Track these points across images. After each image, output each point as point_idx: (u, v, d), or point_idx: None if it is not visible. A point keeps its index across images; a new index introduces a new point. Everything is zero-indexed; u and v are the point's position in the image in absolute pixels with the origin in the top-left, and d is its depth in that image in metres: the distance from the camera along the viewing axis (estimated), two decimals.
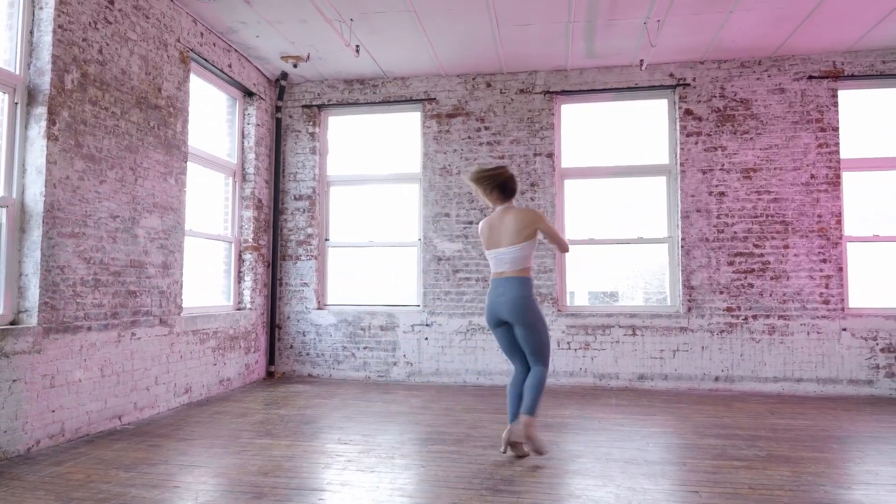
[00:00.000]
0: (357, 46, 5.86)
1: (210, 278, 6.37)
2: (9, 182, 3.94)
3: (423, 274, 6.81)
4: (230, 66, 6.19)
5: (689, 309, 6.30)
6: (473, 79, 6.82)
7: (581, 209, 6.80)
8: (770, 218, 6.21)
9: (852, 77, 6.19)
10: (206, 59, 5.79)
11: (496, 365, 6.57)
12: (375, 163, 7.17)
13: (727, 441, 4.28)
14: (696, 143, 6.37)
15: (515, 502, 3.07)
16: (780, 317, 6.14)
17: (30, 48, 4.05)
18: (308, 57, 6.27)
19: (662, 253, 6.59)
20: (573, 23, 5.53)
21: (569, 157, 6.80)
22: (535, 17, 5.44)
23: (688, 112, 6.41)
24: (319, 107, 7.10)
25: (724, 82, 6.37)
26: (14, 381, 3.75)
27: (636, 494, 3.20)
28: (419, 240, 6.88)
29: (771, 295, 6.17)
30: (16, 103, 3.96)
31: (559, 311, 6.56)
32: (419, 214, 6.90)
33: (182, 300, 5.41)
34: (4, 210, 3.90)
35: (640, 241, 6.59)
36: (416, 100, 6.89)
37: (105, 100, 4.52)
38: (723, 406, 5.48)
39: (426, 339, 6.72)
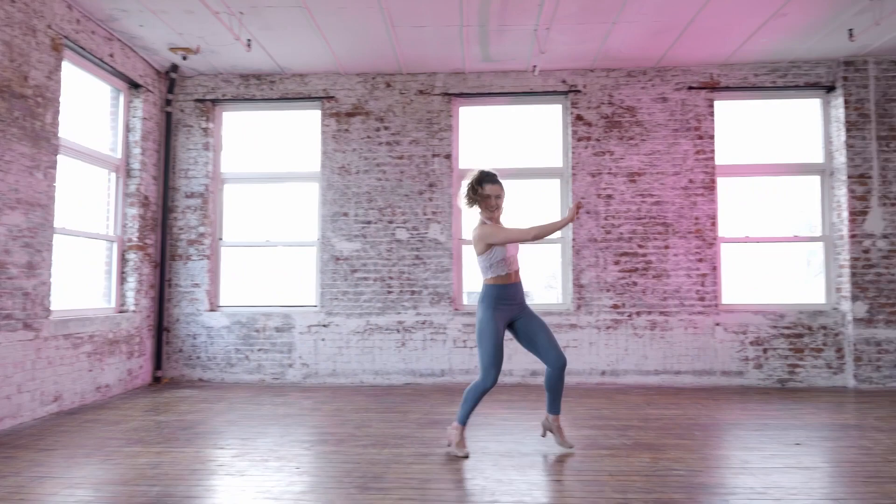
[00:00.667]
0: (249, 41, 5.72)
1: (88, 279, 6.02)
2: None
3: (321, 274, 6.72)
4: (112, 55, 5.88)
5: (579, 306, 6.54)
6: (373, 78, 6.80)
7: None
8: (652, 220, 6.55)
9: (727, 88, 6.63)
10: (83, 48, 5.48)
11: (393, 364, 6.58)
12: (273, 161, 7.02)
13: (600, 431, 4.48)
14: (587, 147, 6.63)
15: (381, 499, 3.08)
16: (661, 313, 6.49)
17: None
18: (198, 49, 6.05)
19: (556, 253, 6.81)
20: (466, 27, 5.63)
21: (467, 158, 6.91)
22: (428, 19, 5.50)
23: (579, 118, 6.67)
24: (213, 101, 6.87)
25: (613, 90, 6.67)
26: None
27: (501, 485, 3.29)
28: (317, 239, 6.79)
29: (653, 292, 6.51)
30: None
31: (456, 310, 6.65)
32: (318, 214, 6.81)
33: (50, 302, 5.09)
34: None
35: (535, 241, 6.77)
36: (315, 97, 6.80)
37: None
38: (605, 398, 5.73)
39: (323, 339, 6.63)
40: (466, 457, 3.80)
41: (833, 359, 6.36)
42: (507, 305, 3.83)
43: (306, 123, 7.00)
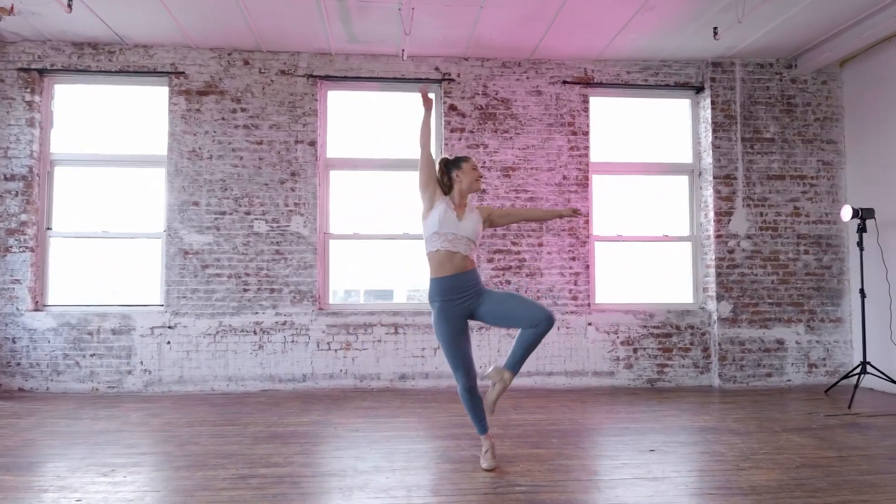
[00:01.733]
0: (69, 0, 4.96)
1: None
2: None
3: (167, 269, 6.02)
4: None
5: None
6: (229, 54, 6.18)
7: (348, 203, 6.46)
8: None
9: (601, 85, 6.54)
10: None
11: (248, 370, 6.00)
12: (114, 142, 6.22)
13: (453, 442, 4.16)
14: (460, 139, 6.34)
15: None
16: None
17: None
18: (12, 9, 5.17)
19: (420, 249, 6.45)
20: (323, 0, 5.15)
21: (336, 146, 6.43)
22: None
23: (452, 107, 6.36)
24: (41, 71, 6.00)
25: (487, 80, 6.41)
26: None
27: None
28: (163, 231, 6.08)
29: (527, 291, 6.31)
30: None
31: (320, 309, 6.17)
32: (164, 202, 6.10)
33: None
34: None
35: (406, 236, 6.42)
36: (162, 72, 6.08)
37: None
38: None
39: (168, 343, 5.95)
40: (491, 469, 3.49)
41: (700, 358, 6.42)
42: (454, 300, 3.43)
43: (152, 101, 6.25)
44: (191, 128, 6.09)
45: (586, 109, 6.50)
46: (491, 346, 6.25)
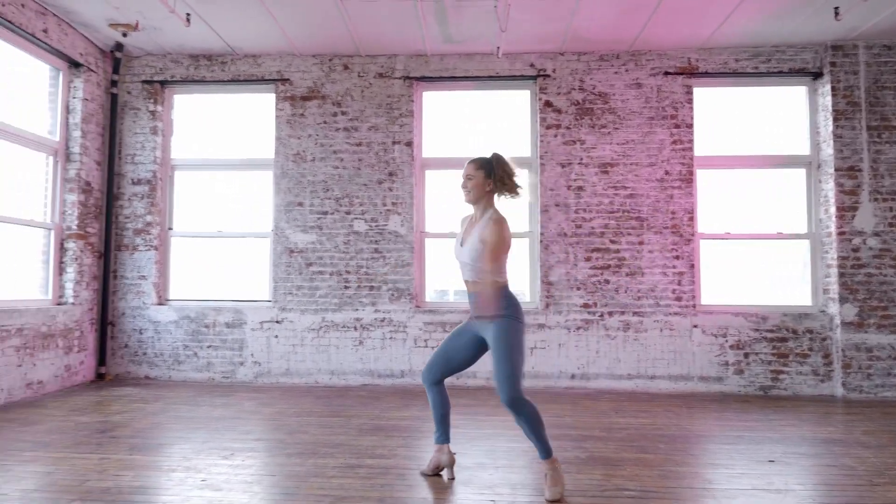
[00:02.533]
0: (188, 15, 5.33)
1: (20, 269, 5.64)
2: None
3: (275, 267, 6.33)
4: (46, 31, 5.49)
5: (547, 305, 6.15)
6: (330, 60, 6.41)
7: (444, 202, 6.53)
8: (626, 213, 6.15)
9: (707, 74, 6.23)
10: (10, 22, 5.08)
11: (350, 364, 6.19)
12: (226, 146, 6.62)
13: (556, 442, 4.04)
14: (556, 135, 6.23)
15: None
16: (635, 313, 6.09)
17: None
18: (137, 25, 5.65)
19: (524, 248, 6.41)
20: (421, 1, 5.23)
21: (431, 146, 6.51)
22: None
23: (548, 104, 6.27)
24: (162, 83, 6.48)
25: (584, 75, 6.27)
26: None
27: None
28: (271, 230, 6.40)
29: (626, 291, 6.11)
30: None
31: (417, 306, 6.26)
32: (271, 203, 6.41)
33: None
34: None
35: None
36: (269, 80, 6.41)
37: None
38: (571, 405, 5.34)
39: (276, 336, 6.25)
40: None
41: (820, 365, 5.96)
42: (471, 313, 3.28)
43: (261, 107, 6.60)
44: (295, 132, 6.37)
45: (690, 101, 6.21)
46: (589, 348, 6.10)
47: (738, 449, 3.99)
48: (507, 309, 3.07)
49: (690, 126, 6.19)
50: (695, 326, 6.06)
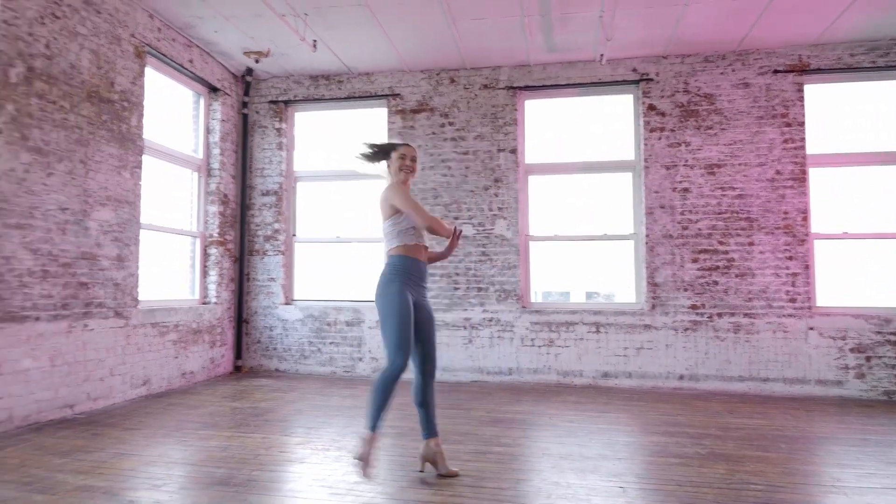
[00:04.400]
0: (315, 41, 5.85)
1: (174, 273, 6.38)
2: None
3: None
4: (192, 61, 6.20)
5: (654, 306, 6.24)
6: (437, 74, 6.80)
7: (546, 206, 6.76)
8: (735, 214, 6.15)
9: (819, 71, 6.12)
10: (164, 55, 5.80)
11: (460, 361, 6.54)
12: (341, 158, 7.15)
13: (672, 439, 4.23)
14: (660, 138, 6.32)
15: (433, 494, 3.04)
16: (746, 315, 6.08)
17: None
18: (268, 52, 6.26)
19: (629, 250, 6.54)
20: (527, 17, 5.50)
21: (533, 152, 6.77)
22: (488, 11, 5.41)
23: (651, 107, 6.36)
24: (286, 102, 7.10)
25: (688, 77, 6.32)
26: None
27: (558, 488, 3.17)
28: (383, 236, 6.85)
29: (736, 292, 6.10)
30: None
31: (523, 307, 6.53)
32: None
33: (138, 293, 5.42)
34: None
35: (606, 237, 6.55)
36: (381, 95, 6.88)
37: (53, 93, 4.53)
38: (682, 404, 5.42)
39: None
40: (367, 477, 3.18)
41: None
42: (415, 282, 3.32)
43: (373, 121, 7.08)
44: (406, 142, 6.79)
45: (801, 98, 6.12)
46: (698, 349, 6.14)
47: (865, 451, 3.98)
48: None
49: (802, 124, 6.10)
50: (811, 329, 5.96)
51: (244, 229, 7.01)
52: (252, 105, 7.14)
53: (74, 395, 4.71)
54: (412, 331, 3.23)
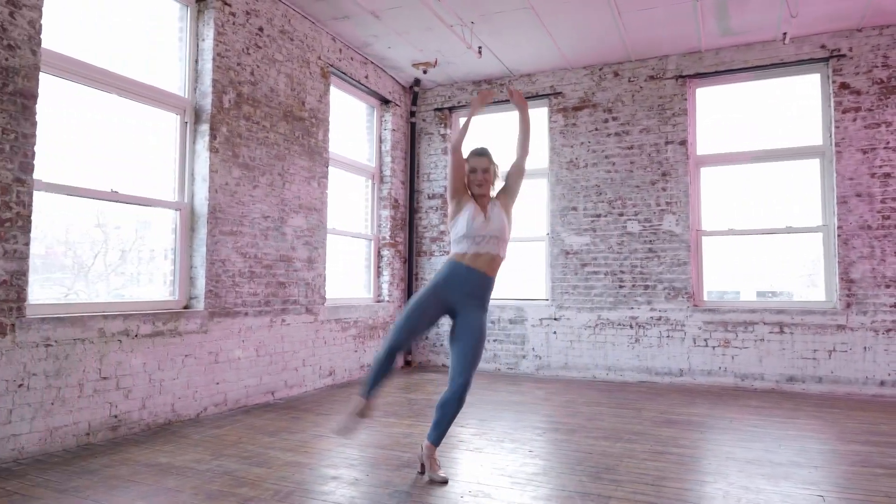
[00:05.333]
0: (480, 48, 6.07)
1: (352, 273, 6.96)
2: (181, 189, 4.71)
3: (551, 268, 6.83)
4: (367, 77, 6.73)
5: (848, 305, 5.65)
6: (600, 69, 6.71)
7: (719, 198, 6.39)
8: None
9: None
10: (344, 73, 6.36)
11: (626, 361, 6.41)
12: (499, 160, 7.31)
13: (876, 448, 3.84)
14: (855, 119, 5.70)
15: (614, 490, 3.06)
16: None
17: (195, 75, 4.80)
18: (436, 62, 6.61)
19: (816, 243, 5.97)
20: (700, 1, 5.25)
21: (705, 143, 6.43)
22: (657, 0, 5.26)
23: (843, 86, 5.76)
24: (450, 109, 7.43)
25: (888, 50, 5.62)
26: (186, 356, 4.47)
27: (748, 493, 3.03)
28: (547, 234, 6.91)
29: None
30: (185, 122, 4.72)
31: (695, 305, 6.23)
32: (546, 209, 6.93)
33: (325, 291, 6.01)
34: (179, 213, 4.66)
35: (790, 230, 6.04)
36: (542, 95, 6.94)
37: (256, 115, 5.19)
38: (884, 413, 4.87)
39: (554, 332, 6.74)
40: (445, 482, 3.16)
41: None
42: (457, 288, 3.20)
43: (536, 121, 7.15)
44: (568, 140, 6.80)
45: None
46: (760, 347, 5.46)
47: None
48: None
49: None
50: None
51: (412, 231, 7.45)
52: (419, 114, 7.57)
53: (275, 382, 5.34)
54: (415, 325, 3.27)
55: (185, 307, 4.66)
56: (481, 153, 3.37)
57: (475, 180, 3.32)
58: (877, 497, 2.96)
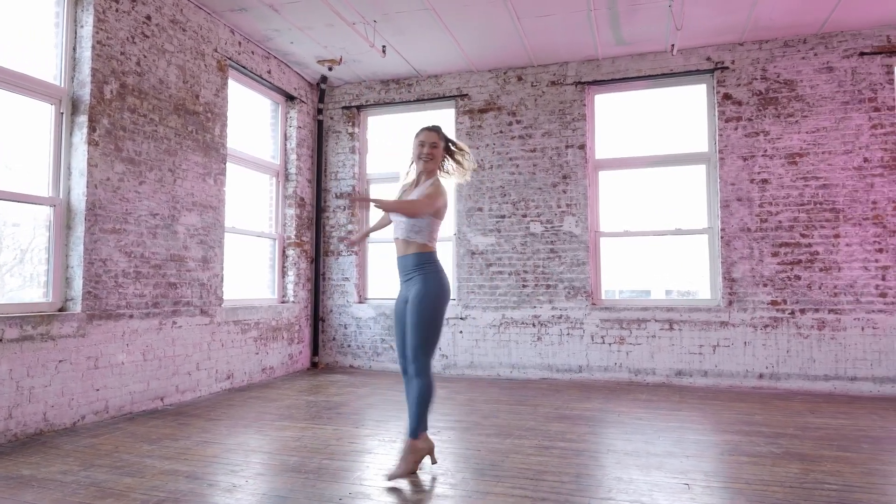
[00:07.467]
0: (384, 47, 6.04)
1: (254, 273, 6.76)
2: (56, 184, 4.41)
3: (458, 268, 6.89)
4: (270, 72, 6.55)
5: (731, 303, 6.02)
6: (504, 73, 6.83)
7: (617, 201, 6.65)
8: (818, 206, 5.82)
9: None
10: (244, 67, 6.16)
11: (529, 359, 6.55)
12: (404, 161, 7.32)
13: (746, 438, 4.09)
14: (736, 128, 6.08)
15: (493, 485, 3.11)
16: (831, 311, 5.75)
17: (72, 63, 4.50)
18: (341, 60, 6.52)
19: (701, 244, 6.33)
20: (594, 10, 5.45)
21: (603, 148, 6.67)
22: (554, 7, 5.40)
23: (726, 96, 6.13)
24: (358, 107, 7.36)
25: (766, 63, 6.04)
26: (60, 361, 4.19)
27: (619, 483, 3.15)
28: (454, 234, 6.97)
29: (820, 287, 5.78)
30: (61, 113, 4.43)
31: (593, 304, 6.45)
32: (454, 209, 6.99)
33: (223, 292, 5.79)
34: (52, 209, 4.36)
35: (678, 232, 6.37)
36: (449, 96, 6.99)
37: (143, 107, 4.94)
38: (760, 404, 5.21)
39: (461, 332, 6.80)
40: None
41: None
42: (400, 278, 3.52)
43: (442, 122, 7.20)
44: (474, 142, 6.88)
45: (890, 81, 5.72)
46: (779, 347, 5.87)
47: None
48: (434, 273, 3.36)
49: (892, 108, 5.70)
50: None
51: (319, 231, 7.32)
52: (326, 111, 7.45)
53: (164, 387, 5.10)
54: (398, 330, 3.45)
55: (61, 309, 4.37)
56: (431, 129, 3.48)
57: (421, 154, 3.43)
58: (738, 484, 3.15)
